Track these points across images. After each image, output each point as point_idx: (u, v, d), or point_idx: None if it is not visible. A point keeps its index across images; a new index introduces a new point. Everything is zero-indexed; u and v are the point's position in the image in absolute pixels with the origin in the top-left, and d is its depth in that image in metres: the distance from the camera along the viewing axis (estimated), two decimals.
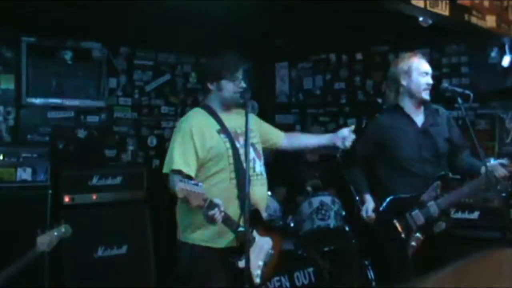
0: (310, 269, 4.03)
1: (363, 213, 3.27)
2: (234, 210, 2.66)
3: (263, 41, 5.35)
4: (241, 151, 2.71)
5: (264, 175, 2.87)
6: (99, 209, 4.36)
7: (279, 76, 6.43)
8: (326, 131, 5.87)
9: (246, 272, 2.55)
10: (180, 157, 2.63)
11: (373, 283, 4.17)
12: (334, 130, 5.65)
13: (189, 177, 2.59)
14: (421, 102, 3.24)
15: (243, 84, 2.78)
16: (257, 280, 2.75)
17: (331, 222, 4.11)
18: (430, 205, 3.07)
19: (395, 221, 3.12)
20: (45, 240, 2.71)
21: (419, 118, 3.25)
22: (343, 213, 4.21)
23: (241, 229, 2.62)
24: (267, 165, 2.94)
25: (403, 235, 3.09)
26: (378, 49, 5.47)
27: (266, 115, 6.24)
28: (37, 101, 4.80)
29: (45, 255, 3.94)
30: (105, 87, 5.20)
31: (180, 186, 2.37)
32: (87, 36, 5.00)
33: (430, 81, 3.19)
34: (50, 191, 4.18)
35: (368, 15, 4.13)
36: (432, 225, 3.07)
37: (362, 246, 4.20)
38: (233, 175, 2.70)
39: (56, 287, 4.10)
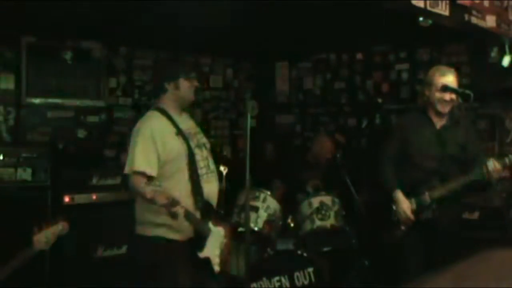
0: (310, 269, 4.03)
1: (401, 214, 3.31)
2: (191, 206, 2.86)
3: (263, 41, 5.35)
4: (195, 151, 2.94)
5: (215, 171, 3.08)
6: (99, 209, 4.36)
7: (279, 76, 6.43)
8: (326, 131, 5.89)
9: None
10: (143, 159, 2.77)
11: (373, 283, 4.17)
12: (335, 130, 5.73)
13: (151, 178, 2.77)
14: (439, 112, 3.35)
15: (196, 83, 3.00)
16: (217, 268, 2.94)
17: (331, 222, 4.10)
18: (423, 194, 3.28)
19: (392, 204, 3.38)
20: (42, 238, 2.68)
21: (438, 122, 3.39)
22: (343, 213, 4.20)
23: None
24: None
25: (396, 218, 3.36)
26: (378, 49, 5.47)
27: (266, 115, 6.28)
28: (37, 101, 4.81)
29: (45, 255, 3.96)
30: (105, 87, 5.20)
31: (150, 188, 2.59)
32: (87, 36, 5.00)
33: (447, 98, 3.27)
34: (50, 191, 4.18)
35: (368, 15, 4.12)
36: (421, 213, 3.29)
37: (362, 246, 4.19)
38: (189, 174, 2.88)
39: (56, 287, 4.10)
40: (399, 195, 3.34)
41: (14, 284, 2.75)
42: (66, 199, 4.27)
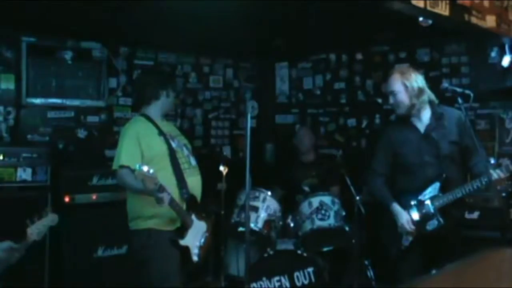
0: (310, 269, 4.04)
1: (406, 226, 3.28)
2: (177, 198, 3.14)
3: (263, 41, 5.35)
4: (176, 149, 3.27)
5: (197, 167, 3.39)
6: (99, 209, 4.36)
7: (279, 76, 6.43)
8: (326, 131, 5.89)
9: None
10: (128, 155, 3.10)
11: (373, 283, 4.17)
12: (335, 130, 5.74)
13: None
14: (409, 113, 3.33)
15: (173, 94, 3.46)
16: (195, 258, 3.25)
17: (331, 222, 4.10)
18: (426, 204, 3.24)
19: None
20: (35, 231, 2.82)
21: (422, 124, 3.34)
22: (343, 213, 4.20)
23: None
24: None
25: (399, 229, 3.32)
26: (378, 49, 5.47)
27: (266, 115, 6.28)
28: (37, 101, 4.81)
29: (45, 255, 3.97)
30: (105, 87, 5.21)
31: (137, 172, 2.81)
32: (87, 36, 5.00)
33: (391, 101, 3.36)
34: (50, 191, 4.18)
35: (368, 15, 4.12)
36: (426, 222, 3.24)
37: (362, 246, 4.19)
38: (172, 169, 3.19)
39: (56, 287, 4.10)
40: (397, 208, 3.32)
41: (14, 284, 2.76)
42: (66, 199, 4.27)
